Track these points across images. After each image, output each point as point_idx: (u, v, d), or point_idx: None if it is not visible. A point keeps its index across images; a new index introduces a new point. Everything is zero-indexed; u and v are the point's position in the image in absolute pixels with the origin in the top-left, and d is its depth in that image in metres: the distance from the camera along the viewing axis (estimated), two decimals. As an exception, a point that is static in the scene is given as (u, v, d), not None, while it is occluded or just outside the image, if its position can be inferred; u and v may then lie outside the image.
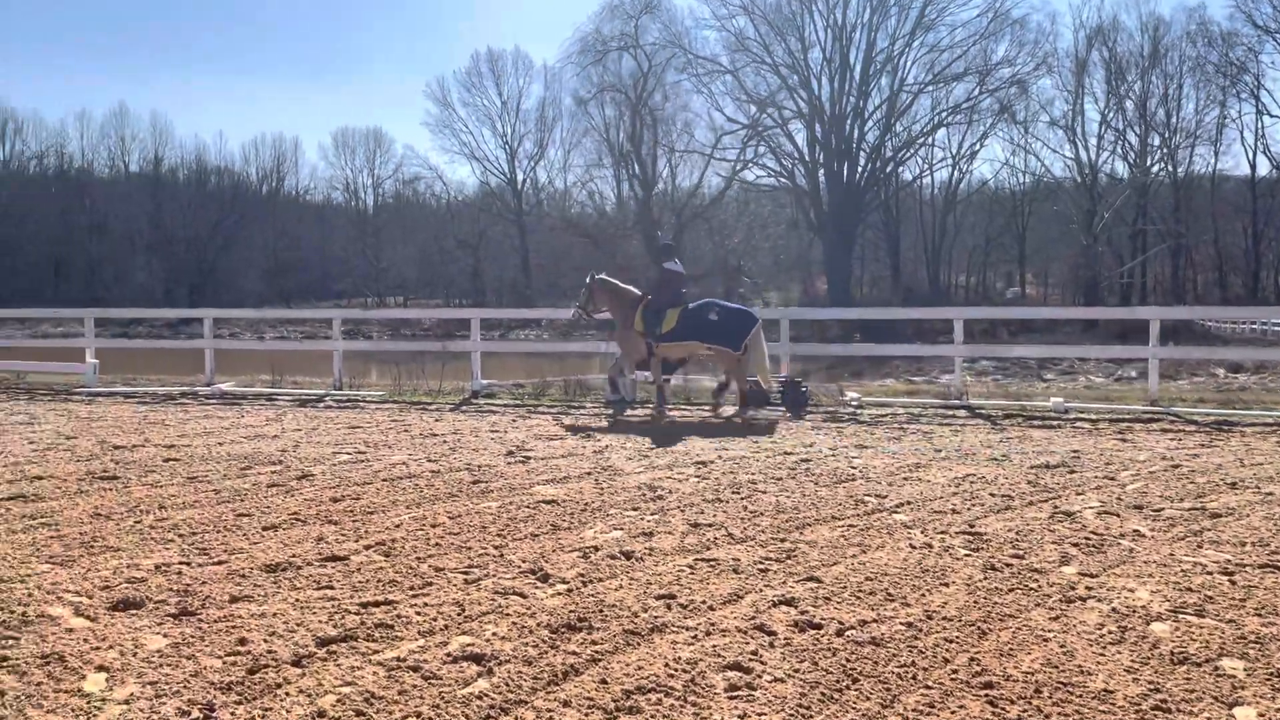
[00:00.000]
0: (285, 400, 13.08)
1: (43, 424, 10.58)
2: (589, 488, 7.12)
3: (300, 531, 5.86)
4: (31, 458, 8.41)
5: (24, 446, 9.04)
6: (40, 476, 7.55)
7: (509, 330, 52.50)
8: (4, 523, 6.06)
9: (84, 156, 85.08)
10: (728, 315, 11.41)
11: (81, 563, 5.19)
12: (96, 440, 9.38)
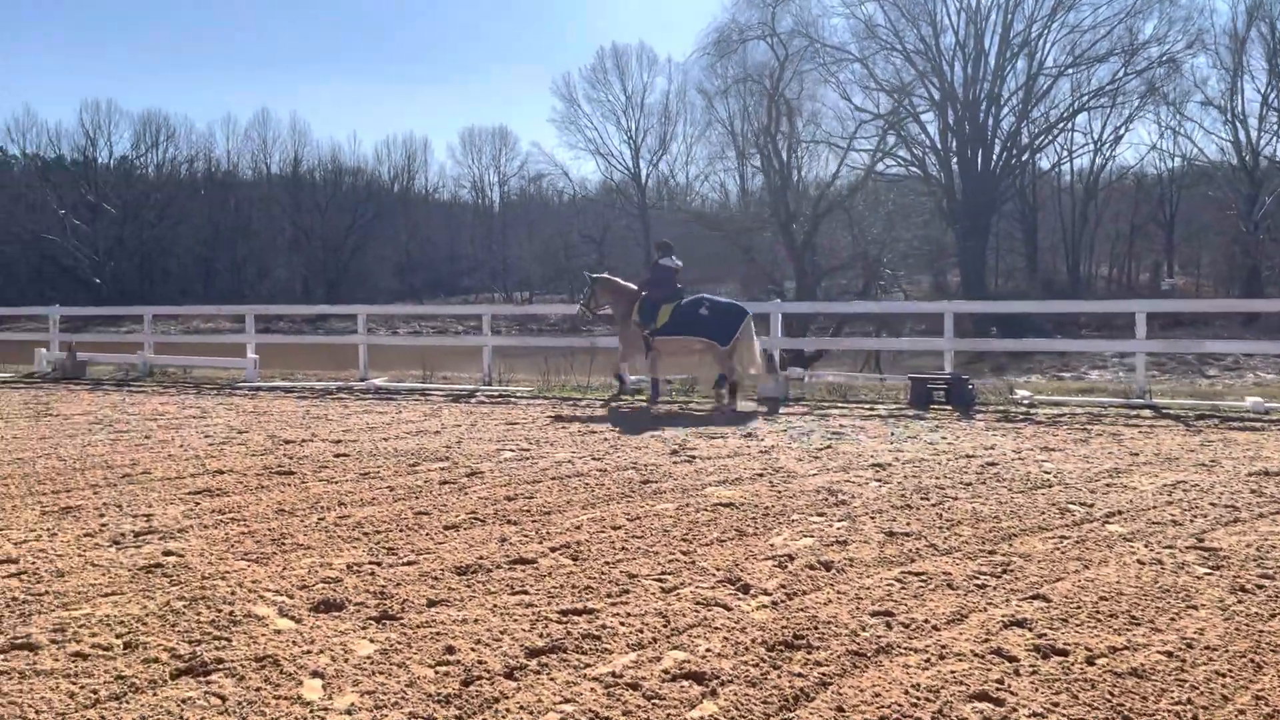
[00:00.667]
0: (438, 395, 13.22)
1: (214, 418, 10.92)
2: (764, 490, 6.84)
3: (482, 531, 5.76)
4: (210, 451, 8.64)
5: (200, 440, 9.31)
6: (221, 470, 7.72)
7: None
8: (196, 517, 6.17)
9: (229, 160, 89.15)
10: (717, 310, 11.86)
11: (276, 560, 5.19)
12: (266, 434, 9.60)
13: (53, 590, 4.71)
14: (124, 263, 76.00)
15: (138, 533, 5.78)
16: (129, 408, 11.89)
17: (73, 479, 7.43)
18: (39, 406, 11.99)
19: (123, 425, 10.32)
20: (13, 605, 4.50)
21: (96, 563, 5.17)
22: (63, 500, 6.69)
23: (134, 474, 7.62)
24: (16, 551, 5.39)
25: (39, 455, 8.47)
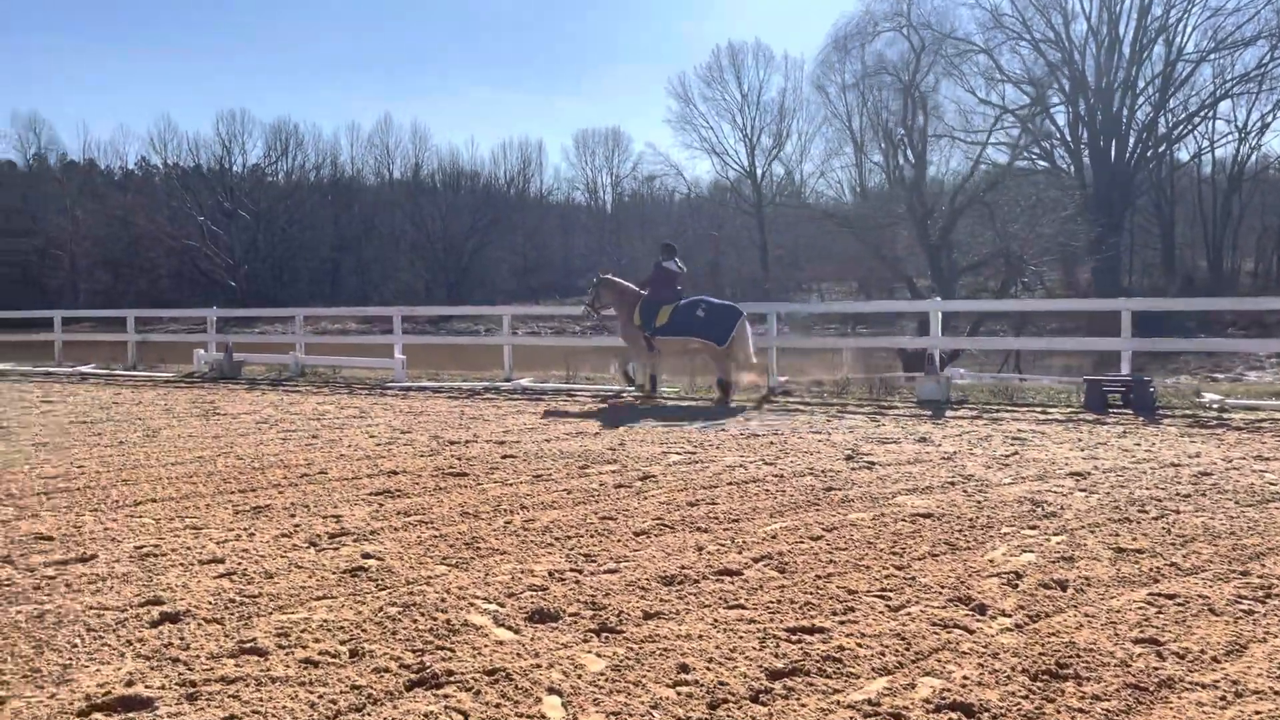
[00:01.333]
0: (584, 396, 13.17)
1: (373, 418, 11.07)
2: (960, 500, 6.47)
3: (674, 539, 5.57)
4: (378, 452, 8.71)
5: (366, 440, 9.41)
6: (395, 471, 7.74)
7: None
8: (384, 519, 6.16)
9: (353, 166, 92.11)
10: (714, 311, 12.31)
11: (475, 566, 5.10)
12: (429, 435, 9.66)
13: (265, 592, 4.70)
14: (257, 266, 79.23)
15: (331, 534, 5.78)
16: (290, 407, 12.18)
17: (255, 478, 7.56)
18: (205, 405, 12.38)
19: (288, 425, 10.54)
20: (230, 606, 4.50)
21: (300, 564, 5.17)
22: (250, 499, 6.79)
23: (311, 474, 7.71)
24: (220, 551, 5.45)
25: (217, 454, 8.68)
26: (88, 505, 6.66)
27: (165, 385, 15.52)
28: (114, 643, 4.08)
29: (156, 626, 4.28)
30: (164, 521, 6.17)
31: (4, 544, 5.65)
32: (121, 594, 4.71)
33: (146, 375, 17.19)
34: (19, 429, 10.47)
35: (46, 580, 4.93)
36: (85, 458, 8.55)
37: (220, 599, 4.60)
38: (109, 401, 13.04)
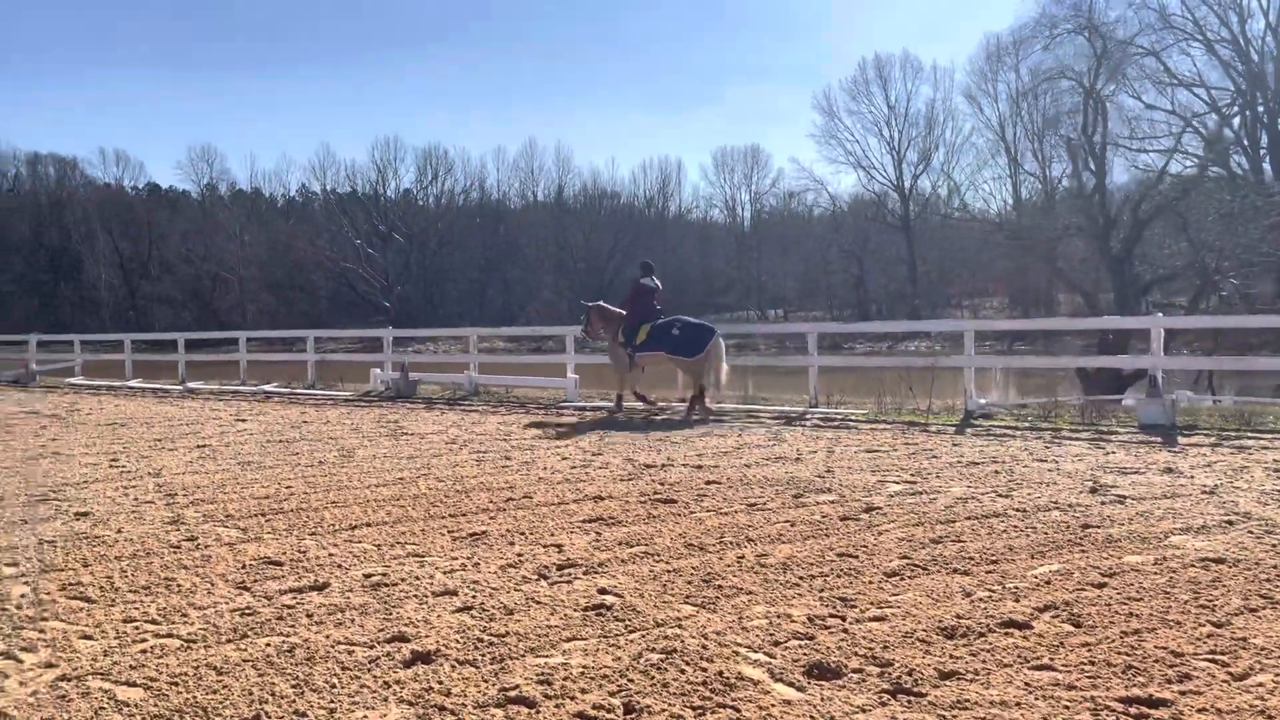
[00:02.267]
0: (767, 417, 12.72)
1: (557, 440, 10.89)
2: (1250, 543, 5.71)
3: (933, 581, 5.05)
4: (576, 475, 8.47)
5: (560, 462, 9.20)
6: (601, 496, 7.46)
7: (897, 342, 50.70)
8: (607, 549, 5.85)
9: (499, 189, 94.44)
10: (688, 329, 13.18)
11: (723, 607, 4.72)
12: (621, 457, 9.38)
13: (511, 630, 4.43)
14: (409, 287, 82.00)
15: (559, 566, 5.50)
16: (473, 427, 12.16)
17: (461, 502, 7.40)
18: (390, 425, 12.50)
19: (477, 446, 10.46)
20: (480, 646, 4.24)
21: (537, 599, 4.89)
22: (464, 525, 6.61)
23: (516, 498, 7.51)
24: (450, 582, 5.23)
25: (416, 475, 8.61)
26: (305, 528, 6.60)
27: (345, 404, 15.85)
28: (372, 684, 3.86)
29: (410, 667, 4.04)
30: (385, 548, 6.02)
31: (237, 568, 5.60)
32: (365, 628, 4.51)
33: (326, 394, 17.64)
34: (221, 447, 10.73)
35: (287, 610, 4.80)
36: (290, 478, 8.61)
37: (467, 637, 4.35)
38: (298, 420, 13.33)
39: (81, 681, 3.93)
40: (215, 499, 7.69)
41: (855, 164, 72.91)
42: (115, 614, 4.79)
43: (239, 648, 4.29)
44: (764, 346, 51.86)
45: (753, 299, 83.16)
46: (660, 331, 13.18)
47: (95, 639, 4.45)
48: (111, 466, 9.47)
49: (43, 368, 24.77)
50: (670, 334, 13.09)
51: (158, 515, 7.12)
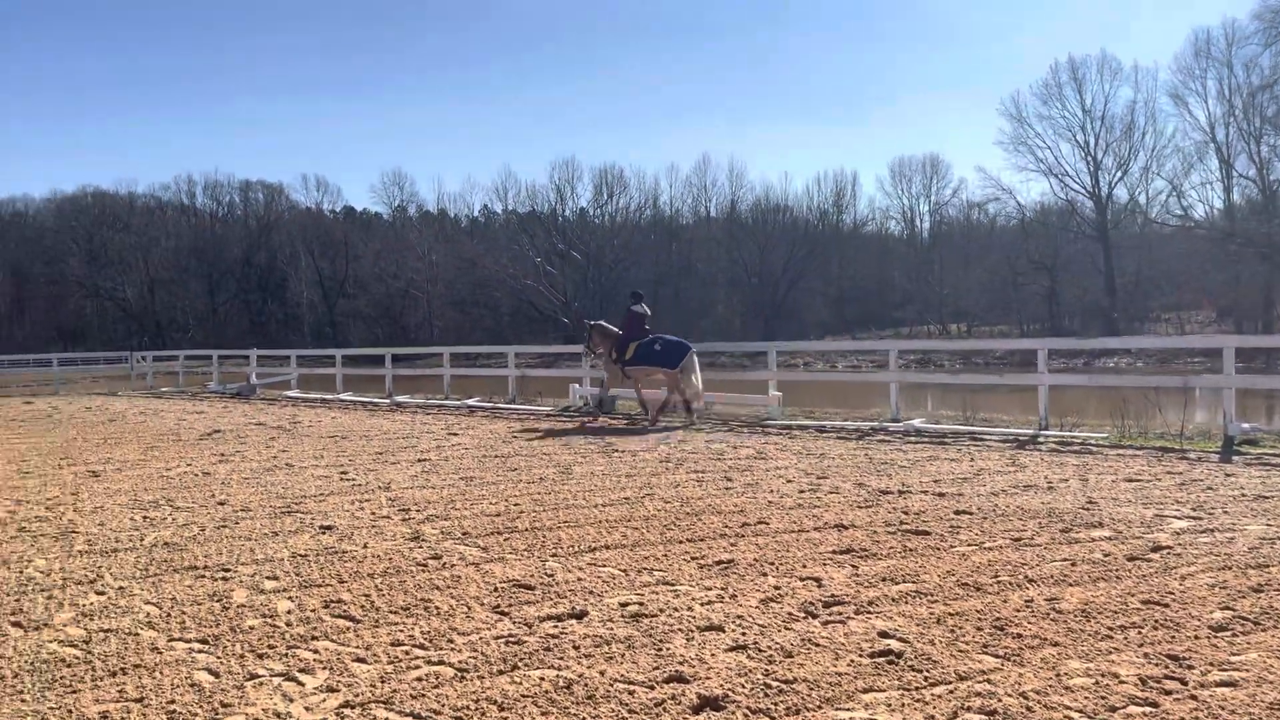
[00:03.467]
0: (993, 439, 11.92)
1: (775, 460, 10.51)
2: None
3: (1273, 639, 4.36)
4: (808, 500, 8.05)
5: (784, 484, 8.81)
6: (843, 525, 7.01)
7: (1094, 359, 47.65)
8: (870, 585, 5.40)
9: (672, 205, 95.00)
10: (668, 345, 15.20)
11: (1030, 660, 4.21)
12: (850, 481, 8.90)
13: (798, 677, 4.06)
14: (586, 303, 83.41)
15: (824, 603, 5.10)
16: (681, 445, 11.92)
17: (694, 525, 7.11)
18: (598, 442, 12.41)
19: (693, 465, 10.20)
20: (768, 693, 3.89)
21: (814, 640, 4.50)
22: (705, 551, 6.30)
23: (750, 523, 7.16)
24: (713, 615, 4.91)
25: (640, 495, 8.40)
26: (545, 550, 6.46)
27: (548, 419, 15.96)
28: (665, 731, 3.57)
29: (699, 713, 3.74)
30: (632, 573, 5.78)
31: (488, 591, 5.47)
32: (638, 664, 4.25)
33: (528, 409, 17.87)
34: (440, 461, 10.88)
35: (552, 640, 4.60)
36: (516, 495, 8.57)
37: (751, 682, 4.01)
38: (508, 435, 13.47)
39: (366, 710, 3.82)
40: (448, 515, 7.70)
41: (1046, 171, 69.32)
42: (383, 636, 4.72)
43: (513, 680, 4.10)
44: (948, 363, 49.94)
45: (933, 312, 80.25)
46: (645, 348, 15.26)
47: (368, 662, 4.36)
48: (343, 480, 9.72)
49: (261, 381, 26.35)
50: (654, 350, 15.19)
51: (397, 531, 7.16)
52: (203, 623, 4.99)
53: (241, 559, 6.37)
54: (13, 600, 5.48)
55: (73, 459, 11.94)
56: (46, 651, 4.57)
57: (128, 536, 7.16)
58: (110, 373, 37.49)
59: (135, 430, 15.81)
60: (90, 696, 4.01)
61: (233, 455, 11.90)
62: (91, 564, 6.32)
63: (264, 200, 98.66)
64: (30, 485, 9.81)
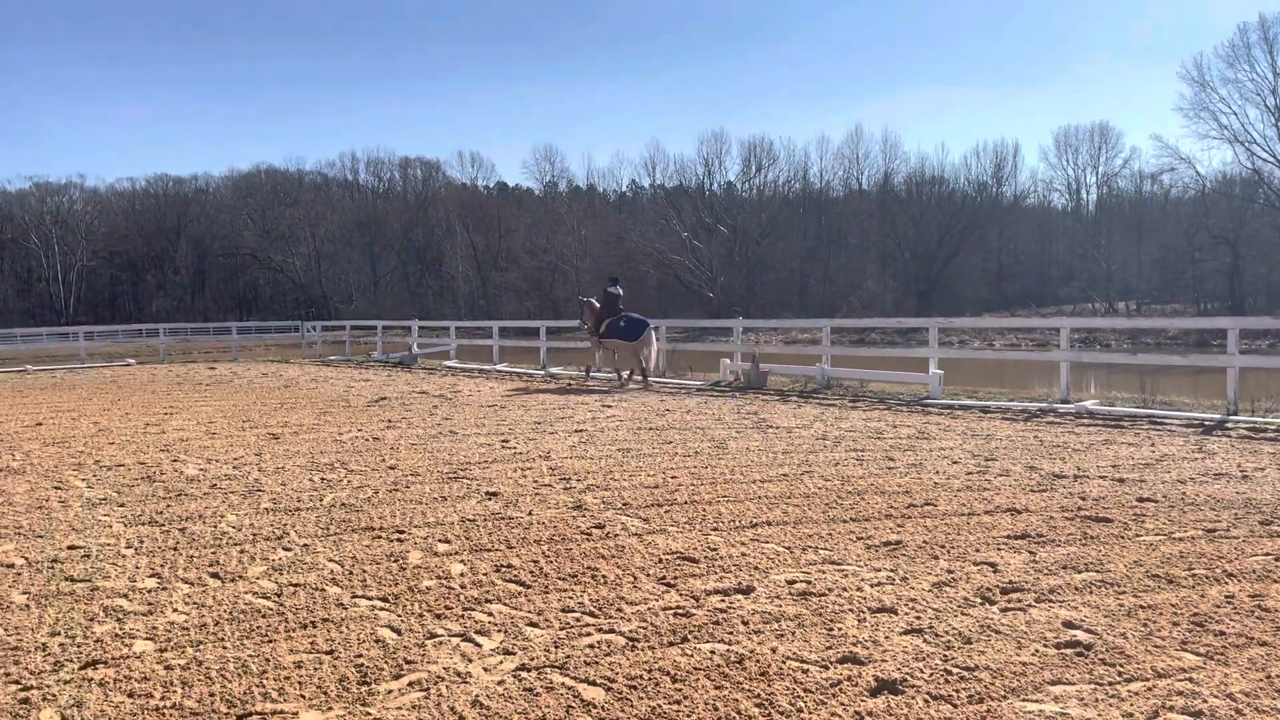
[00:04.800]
0: (1174, 423, 11.21)
1: (937, 440, 10.18)
2: None
3: None
4: (974, 482, 7.75)
5: (949, 465, 8.52)
6: (1016, 509, 6.72)
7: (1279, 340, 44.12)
8: (1050, 573, 5.14)
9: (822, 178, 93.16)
10: (631, 322, 17.76)
11: (1235, 659, 3.93)
12: (1020, 465, 8.53)
13: (979, 664, 3.90)
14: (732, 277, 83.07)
15: (1002, 589, 4.88)
16: (837, 422, 11.70)
17: (858, 505, 6.95)
18: (752, 417, 12.32)
19: (852, 443, 9.99)
20: (949, 680, 3.75)
21: (994, 628, 4.32)
22: (870, 531, 6.14)
23: (917, 504, 6.94)
24: (884, 597, 4.78)
25: (799, 472, 8.28)
26: (706, 523, 6.44)
27: (698, 394, 15.95)
28: (842, 713, 3.50)
29: (877, 696, 3.64)
30: (796, 551, 5.70)
31: (653, 562, 5.49)
32: (810, 643, 4.18)
33: (678, 383, 17.90)
34: (596, 432, 11.02)
35: (720, 614, 4.57)
36: (672, 467, 8.58)
37: (930, 667, 3.87)
38: (660, 408, 13.52)
39: (542, 674, 3.89)
40: (608, 485, 7.78)
41: (1231, 138, 64.54)
42: (553, 602, 4.80)
43: (684, 652, 4.10)
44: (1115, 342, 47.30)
45: (1098, 289, 76.15)
46: (614, 324, 18.00)
47: (541, 627, 4.44)
48: (504, 448, 9.96)
49: (421, 351, 27.35)
50: (619, 326, 17.90)
51: (560, 499, 7.28)
52: (382, 581, 5.20)
53: (414, 521, 6.61)
54: (209, 553, 5.85)
55: (254, 422, 12.67)
56: (243, 602, 4.85)
57: (308, 496, 7.54)
58: (282, 341, 39.66)
59: (308, 396, 16.66)
60: (285, 646, 4.22)
61: (399, 422, 12.38)
62: (277, 521, 6.69)
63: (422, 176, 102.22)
64: (218, 446, 10.47)
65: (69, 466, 9.19)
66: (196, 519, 6.79)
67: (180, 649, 4.21)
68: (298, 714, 3.56)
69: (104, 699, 3.69)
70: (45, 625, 4.55)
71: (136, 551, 5.91)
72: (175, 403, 15.81)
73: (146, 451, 10.10)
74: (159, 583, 5.22)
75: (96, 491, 7.88)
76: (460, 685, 3.79)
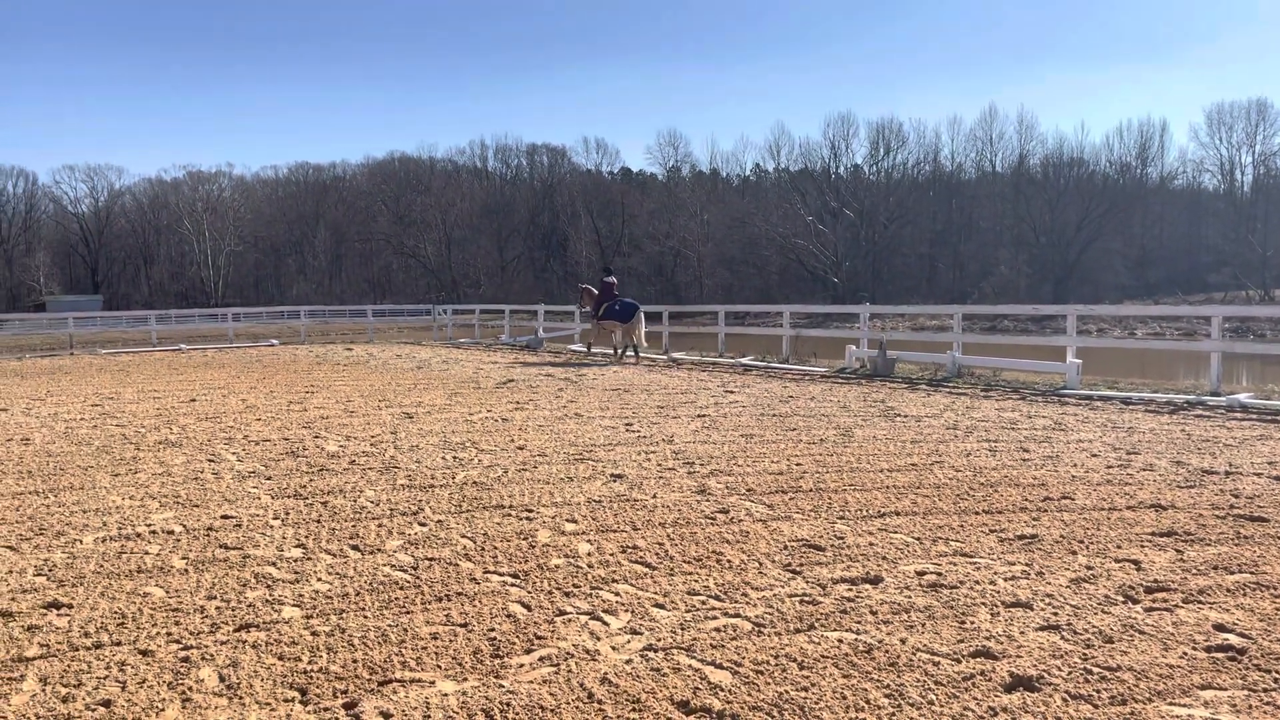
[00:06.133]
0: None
1: (1075, 432, 9.79)
2: None
3: None
4: (1116, 475, 7.43)
5: (1089, 459, 8.19)
6: (1160, 505, 6.41)
7: None
8: (1198, 573, 4.90)
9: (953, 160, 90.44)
10: (625, 305, 20.89)
11: None
12: (1165, 459, 8.13)
13: (1123, 665, 3.76)
14: (858, 262, 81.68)
15: (1146, 588, 4.68)
16: (969, 412, 11.39)
17: (990, 497, 6.76)
18: (879, 405, 12.11)
19: (982, 432, 9.72)
20: (1089, 679, 3.62)
21: (1138, 628, 4.14)
22: (1004, 524, 5.97)
23: (1053, 497, 6.70)
24: (1019, 592, 4.64)
25: (929, 462, 8.10)
26: (832, 511, 6.37)
27: (823, 380, 15.75)
28: (975, 708, 3.42)
29: (1012, 692, 3.55)
30: (926, 542, 5.58)
31: (778, 548, 5.47)
32: (941, 635, 4.10)
33: (801, 369, 17.69)
34: (719, 418, 11.02)
35: (847, 603, 4.53)
36: (796, 454, 8.51)
37: (1069, 665, 3.75)
38: (784, 394, 13.42)
39: (669, 655, 3.93)
40: (731, 471, 7.77)
41: None
42: (679, 584, 4.84)
43: (811, 640, 4.07)
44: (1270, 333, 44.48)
45: (1253, 276, 71.72)
46: (609, 308, 21.02)
47: (667, 609, 4.48)
48: (628, 431, 10.06)
49: (547, 334, 27.84)
50: (614, 309, 20.89)
51: (684, 484, 7.31)
52: (512, 558, 5.33)
53: (542, 501, 6.75)
54: (349, 526, 6.11)
55: (389, 401, 13.14)
56: (381, 574, 5.06)
57: (441, 474, 7.79)
58: (414, 324, 40.98)
59: (439, 377, 17.17)
60: (421, 618, 4.39)
61: (526, 403, 12.64)
62: (412, 497, 6.93)
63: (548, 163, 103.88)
64: (356, 424, 10.90)
65: (220, 441, 9.73)
66: (337, 493, 7.10)
67: (325, 616, 4.42)
68: (434, 683, 3.69)
69: (257, 660, 3.91)
70: (202, 589, 4.84)
71: (283, 522, 6.22)
72: (316, 382, 16.53)
73: (290, 428, 10.60)
74: (304, 553, 5.49)
75: (246, 465, 8.32)
76: (589, 662, 3.87)
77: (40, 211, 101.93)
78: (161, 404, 13.23)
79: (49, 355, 27.43)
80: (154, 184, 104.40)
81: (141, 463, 8.46)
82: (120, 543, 5.75)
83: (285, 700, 3.56)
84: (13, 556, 5.49)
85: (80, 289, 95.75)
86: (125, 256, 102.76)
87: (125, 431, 10.44)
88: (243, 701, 3.54)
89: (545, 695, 3.57)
